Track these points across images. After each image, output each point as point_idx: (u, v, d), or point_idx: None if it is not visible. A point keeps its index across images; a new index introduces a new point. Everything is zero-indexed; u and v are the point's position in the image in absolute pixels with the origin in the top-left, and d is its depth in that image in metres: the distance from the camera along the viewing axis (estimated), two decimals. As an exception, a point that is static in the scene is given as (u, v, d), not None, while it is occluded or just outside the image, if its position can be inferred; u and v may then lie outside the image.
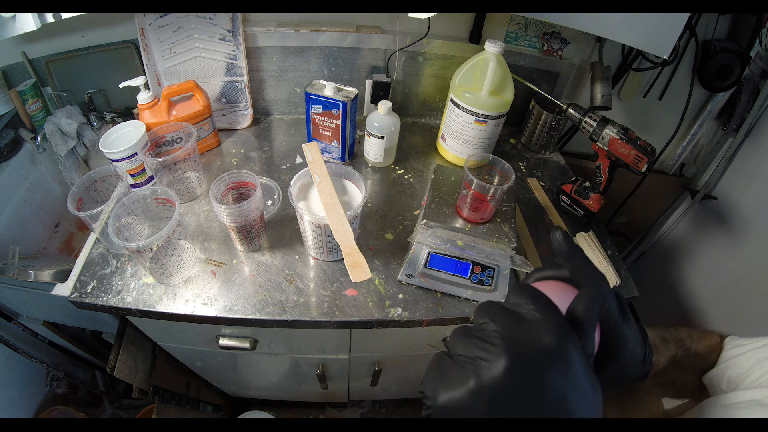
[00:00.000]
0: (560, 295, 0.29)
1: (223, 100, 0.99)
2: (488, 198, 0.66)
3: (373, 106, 0.97)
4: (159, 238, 0.57)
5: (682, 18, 0.67)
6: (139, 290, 0.67)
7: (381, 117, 0.86)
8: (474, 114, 0.86)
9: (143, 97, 0.81)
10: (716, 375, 0.49)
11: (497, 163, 0.71)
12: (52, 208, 1.02)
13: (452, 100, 0.89)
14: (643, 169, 0.75)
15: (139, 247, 0.57)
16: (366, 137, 0.91)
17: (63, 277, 0.73)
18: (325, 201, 0.62)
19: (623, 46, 0.98)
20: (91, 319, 0.89)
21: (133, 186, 0.80)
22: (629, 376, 0.31)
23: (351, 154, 0.96)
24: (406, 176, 0.94)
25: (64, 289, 0.71)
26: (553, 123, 1.00)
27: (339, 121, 0.85)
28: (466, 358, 0.25)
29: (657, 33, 0.69)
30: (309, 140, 0.93)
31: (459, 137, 0.91)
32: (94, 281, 0.68)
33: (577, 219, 0.88)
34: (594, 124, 0.82)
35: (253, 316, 0.66)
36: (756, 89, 0.99)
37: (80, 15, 0.73)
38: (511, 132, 1.13)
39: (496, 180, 0.72)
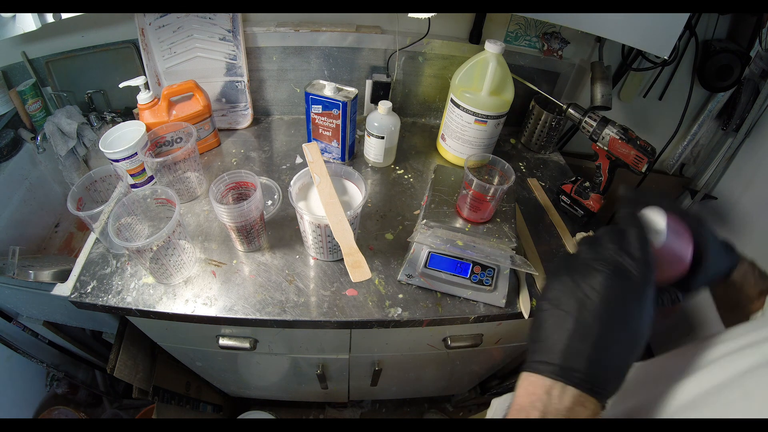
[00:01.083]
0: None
1: (223, 100, 0.99)
2: (488, 198, 0.66)
3: (373, 106, 0.97)
4: (159, 238, 0.57)
5: (682, 18, 0.67)
6: (139, 290, 0.67)
7: (381, 117, 0.86)
8: (474, 114, 0.86)
9: (143, 97, 0.81)
10: None
11: (497, 163, 0.71)
12: (52, 208, 1.02)
13: (452, 100, 0.89)
14: (643, 169, 0.75)
15: (139, 247, 0.57)
16: (366, 137, 0.91)
17: (63, 277, 0.73)
18: (325, 201, 0.62)
19: (623, 46, 0.98)
20: (91, 319, 0.89)
21: (133, 186, 0.80)
22: (717, 272, 0.43)
23: (351, 154, 0.96)
24: (406, 176, 0.94)
25: (64, 289, 0.71)
26: (553, 123, 1.00)
27: (339, 121, 0.85)
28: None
29: (657, 33, 0.69)
30: (309, 140, 0.93)
31: (459, 137, 0.91)
32: (94, 281, 0.68)
33: (577, 219, 0.88)
34: (594, 124, 0.82)
35: (253, 316, 0.66)
36: (756, 89, 0.99)
37: (80, 15, 0.73)
38: (511, 132, 1.13)
39: (496, 180, 0.72)
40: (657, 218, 0.39)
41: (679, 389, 0.36)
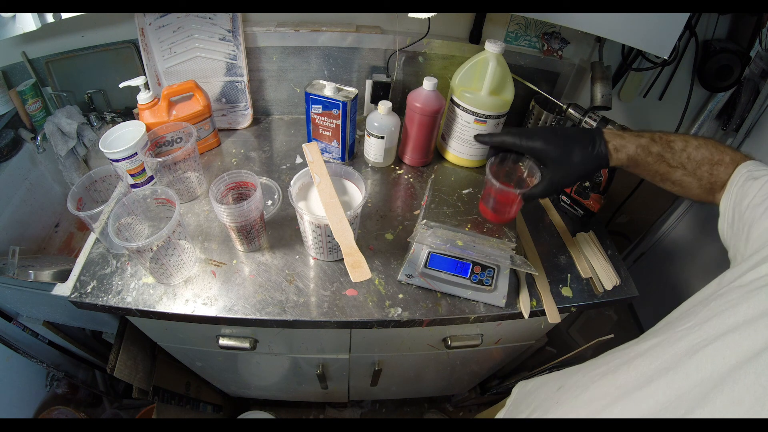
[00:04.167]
0: None
1: (223, 100, 0.99)
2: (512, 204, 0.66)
3: (373, 106, 0.97)
4: (159, 238, 0.57)
5: (682, 18, 0.67)
6: (139, 290, 0.67)
7: (381, 117, 0.86)
8: (474, 114, 0.85)
9: (143, 97, 0.81)
10: (726, 203, 0.51)
11: (521, 160, 0.68)
12: (52, 208, 1.02)
13: (452, 100, 0.88)
14: (643, 169, 0.74)
15: (139, 247, 0.57)
16: (366, 137, 0.91)
17: (63, 277, 0.73)
18: (325, 201, 0.62)
19: (623, 46, 0.98)
20: (91, 319, 0.89)
21: (133, 186, 0.80)
22: (576, 165, 0.57)
23: (351, 154, 0.96)
24: (406, 176, 0.94)
25: (64, 289, 0.71)
26: (553, 123, 1.00)
27: (339, 121, 0.85)
28: None
29: (657, 33, 0.69)
30: (309, 140, 0.93)
31: (459, 137, 0.91)
32: (94, 281, 0.68)
33: (577, 219, 0.88)
34: (594, 124, 0.82)
35: (253, 316, 0.66)
36: (756, 89, 0.99)
37: (80, 15, 0.73)
38: (511, 132, 1.13)
39: (524, 173, 0.69)
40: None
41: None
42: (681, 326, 0.38)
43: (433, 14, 0.85)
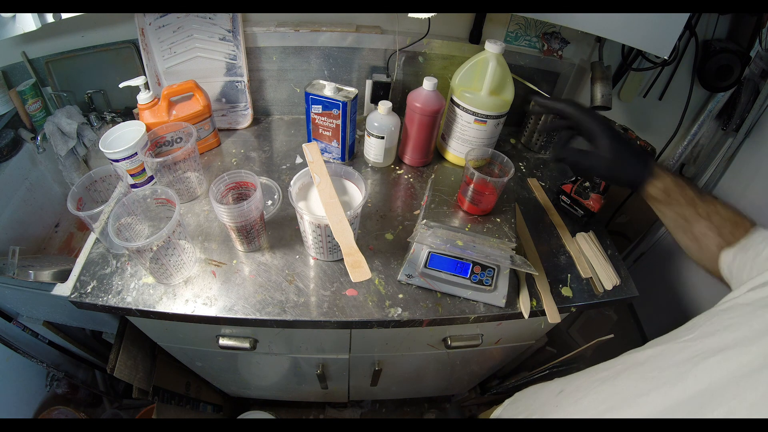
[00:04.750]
0: None
1: (223, 100, 0.99)
2: (488, 192, 0.68)
3: (373, 106, 0.97)
4: (159, 238, 0.57)
5: (682, 18, 0.67)
6: (139, 290, 0.67)
7: (381, 117, 0.86)
8: (474, 114, 0.85)
9: (143, 97, 0.81)
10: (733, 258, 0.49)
11: (497, 158, 0.72)
12: (52, 208, 1.02)
13: (452, 100, 0.88)
14: (643, 169, 0.74)
15: (139, 247, 0.57)
16: (366, 137, 0.91)
17: (63, 277, 0.73)
18: (325, 201, 0.62)
19: (623, 46, 0.98)
20: (91, 319, 0.89)
21: (133, 186, 0.80)
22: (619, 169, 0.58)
23: (351, 154, 0.96)
24: (406, 176, 0.94)
25: (64, 289, 0.71)
26: (553, 123, 1.00)
27: (339, 121, 0.85)
28: None
29: (657, 33, 0.69)
30: (309, 140, 0.93)
31: (459, 137, 0.91)
32: (94, 281, 0.68)
33: (577, 219, 0.88)
34: (594, 124, 0.82)
35: (253, 316, 0.66)
36: (756, 89, 0.99)
37: (80, 15, 0.73)
38: (511, 132, 1.13)
39: (496, 172, 0.73)
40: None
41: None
42: (683, 337, 0.39)
43: (433, 14, 0.85)
